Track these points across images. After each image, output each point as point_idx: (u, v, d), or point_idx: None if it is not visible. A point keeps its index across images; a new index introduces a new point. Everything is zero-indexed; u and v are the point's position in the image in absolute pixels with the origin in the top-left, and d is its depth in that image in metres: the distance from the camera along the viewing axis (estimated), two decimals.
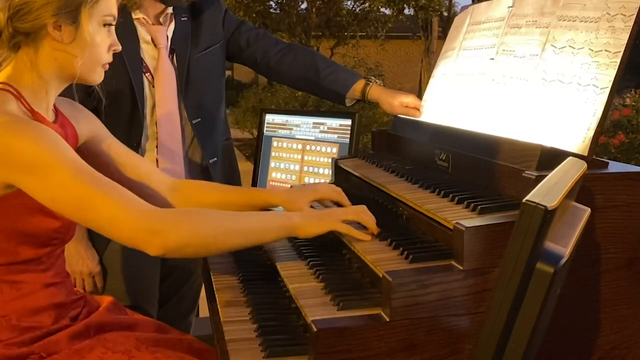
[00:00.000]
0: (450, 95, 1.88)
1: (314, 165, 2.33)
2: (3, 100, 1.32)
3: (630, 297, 1.33)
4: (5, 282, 1.35)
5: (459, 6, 21.74)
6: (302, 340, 1.28)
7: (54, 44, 1.36)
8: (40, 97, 1.40)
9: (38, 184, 1.26)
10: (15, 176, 1.26)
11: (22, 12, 1.32)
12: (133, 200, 1.28)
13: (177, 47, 2.12)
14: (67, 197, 1.26)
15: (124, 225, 1.25)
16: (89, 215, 1.26)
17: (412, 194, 1.47)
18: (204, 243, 1.32)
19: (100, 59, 1.42)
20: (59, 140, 1.30)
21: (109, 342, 1.38)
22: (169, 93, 2.09)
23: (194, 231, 1.29)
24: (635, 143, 5.50)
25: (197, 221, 1.31)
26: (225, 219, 1.36)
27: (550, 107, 1.43)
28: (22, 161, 1.25)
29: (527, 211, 0.82)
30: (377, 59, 17.44)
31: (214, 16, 2.22)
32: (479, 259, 1.16)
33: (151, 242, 1.25)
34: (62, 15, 1.34)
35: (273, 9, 15.47)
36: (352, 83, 2.19)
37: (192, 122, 2.13)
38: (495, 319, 0.85)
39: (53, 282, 1.42)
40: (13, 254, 1.35)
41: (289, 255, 1.58)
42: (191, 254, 1.34)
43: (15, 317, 1.34)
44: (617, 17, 1.34)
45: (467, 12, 2.00)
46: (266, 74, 2.39)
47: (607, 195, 1.28)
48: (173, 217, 1.30)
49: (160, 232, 1.25)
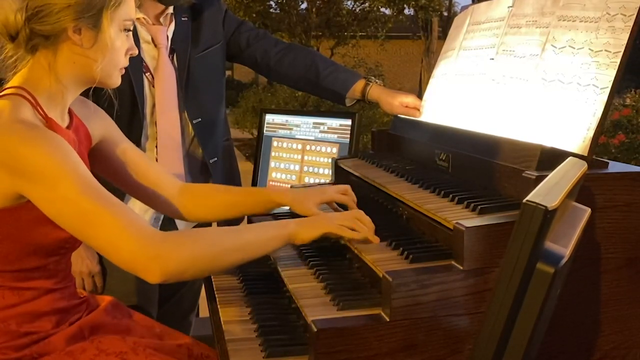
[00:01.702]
0: (450, 95, 1.88)
1: (314, 165, 2.33)
2: (17, 106, 1.30)
3: (630, 297, 1.33)
4: (9, 288, 1.34)
5: (459, 6, 21.78)
6: (302, 340, 1.28)
7: (74, 48, 1.34)
8: (56, 101, 1.38)
9: (44, 195, 1.24)
10: (24, 186, 1.25)
11: (41, 14, 1.29)
12: (136, 223, 1.25)
13: (177, 47, 2.12)
14: (71, 211, 1.24)
15: (124, 249, 1.23)
16: (91, 232, 1.24)
17: (412, 194, 1.47)
18: (203, 266, 1.30)
19: (118, 64, 1.40)
20: (70, 153, 1.28)
21: (103, 344, 1.36)
22: (169, 93, 2.09)
23: (194, 256, 1.27)
24: (635, 143, 5.50)
25: (196, 244, 1.28)
26: (223, 238, 1.33)
27: (550, 107, 1.43)
28: (32, 171, 1.23)
29: (527, 211, 0.82)
30: (377, 59, 17.43)
31: (214, 16, 2.22)
32: (479, 259, 1.17)
33: (150, 269, 1.23)
34: (84, 19, 1.32)
35: (273, 9, 15.46)
36: (352, 83, 2.19)
37: (193, 122, 2.12)
38: (495, 319, 0.85)
39: (56, 287, 1.41)
40: (21, 262, 1.33)
41: (289, 256, 1.58)
42: (192, 277, 1.31)
43: (15, 322, 1.33)
44: (617, 17, 1.34)
45: (467, 12, 2.00)
46: (266, 74, 2.39)
47: (607, 195, 1.28)
48: (173, 241, 1.27)
49: (160, 258, 1.22)
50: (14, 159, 1.24)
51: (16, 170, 1.24)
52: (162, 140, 2.08)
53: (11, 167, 1.24)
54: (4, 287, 1.34)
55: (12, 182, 1.25)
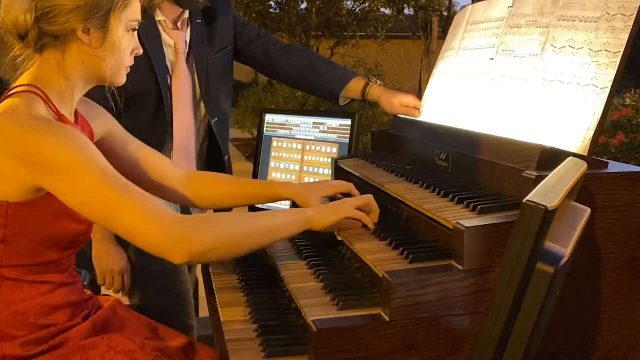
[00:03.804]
0: (450, 95, 1.88)
1: (314, 165, 2.33)
2: (31, 103, 1.33)
3: (630, 297, 1.33)
4: (26, 281, 1.37)
5: (459, 6, 21.75)
6: (302, 340, 1.28)
7: (83, 48, 1.37)
8: (66, 99, 1.41)
9: (67, 187, 1.28)
10: (44, 179, 1.28)
11: (51, 14, 1.33)
12: (157, 208, 1.29)
13: (195, 49, 2.16)
14: (95, 201, 1.28)
15: (149, 234, 1.27)
16: (115, 221, 1.29)
17: (412, 194, 1.47)
18: (226, 248, 1.34)
19: (125, 63, 1.45)
20: (89, 145, 1.32)
21: (113, 342, 1.39)
22: (185, 97, 2.13)
23: (217, 237, 1.31)
24: (635, 143, 5.50)
25: (218, 227, 1.33)
26: (244, 222, 1.39)
27: (550, 107, 1.43)
28: (53, 164, 1.27)
29: (527, 211, 0.82)
30: (377, 59, 17.41)
31: (226, 18, 2.27)
32: (479, 259, 1.17)
33: (175, 251, 1.27)
34: (92, 20, 1.35)
35: (273, 9, 15.45)
36: (347, 81, 2.22)
37: (212, 122, 2.18)
38: (495, 319, 0.85)
39: (68, 281, 1.44)
40: (37, 256, 1.37)
41: (289, 256, 1.59)
42: (215, 259, 1.37)
43: (34, 314, 1.36)
44: (617, 17, 1.34)
45: (466, 11, 2.00)
46: (265, 71, 2.42)
47: (607, 195, 1.28)
48: (195, 225, 1.31)
49: (184, 240, 1.27)
50: (34, 154, 1.27)
51: (36, 164, 1.27)
52: (177, 142, 2.12)
53: (30, 161, 1.27)
54: (22, 281, 1.37)
55: (31, 176, 1.28)
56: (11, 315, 1.34)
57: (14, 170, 1.28)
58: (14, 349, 1.32)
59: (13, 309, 1.34)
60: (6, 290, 1.35)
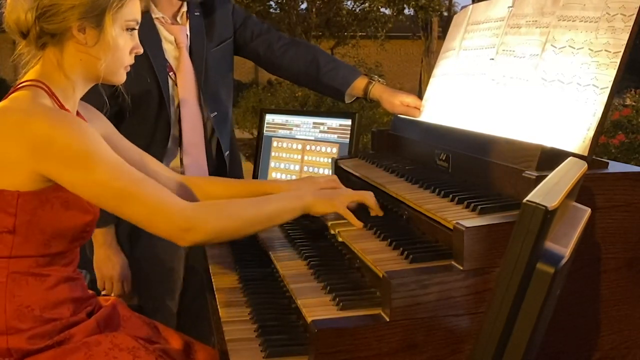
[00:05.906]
0: (451, 95, 1.88)
1: (314, 165, 2.33)
2: (37, 95, 1.38)
3: (630, 297, 1.33)
4: (32, 274, 1.39)
5: (459, 6, 21.73)
6: (302, 340, 1.28)
7: (78, 46, 1.42)
8: (68, 96, 1.45)
9: (79, 179, 1.32)
10: (54, 169, 1.31)
11: (49, 13, 1.37)
12: (167, 197, 1.38)
13: (194, 43, 2.14)
14: (107, 192, 1.33)
15: (159, 224, 1.36)
16: (127, 210, 1.35)
17: (412, 194, 1.47)
18: (229, 234, 1.46)
19: (122, 62, 1.47)
20: (97, 136, 1.37)
21: (117, 339, 1.41)
22: (191, 91, 2.12)
23: (221, 224, 1.41)
24: (635, 143, 5.49)
25: (223, 216, 1.43)
26: (247, 210, 1.47)
27: (550, 107, 1.43)
28: (64, 155, 1.30)
29: (527, 211, 0.82)
30: (377, 59, 17.41)
31: (225, 10, 2.25)
32: (479, 259, 1.16)
33: (183, 238, 1.38)
34: (87, 19, 1.39)
35: (273, 9, 15.46)
36: (352, 80, 2.20)
37: (211, 116, 2.17)
38: (495, 319, 0.85)
39: (72, 277, 1.47)
40: (44, 247, 1.39)
41: (289, 255, 1.59)
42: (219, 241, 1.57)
43: (39, 308, 1.38)
44: (617, 17, 1.34)
45: (466, 10, 2.00)
46: (268, 67, 2.40)
47: (607, 195, 1.28)
48: (201, 215, 1.39)
49: (192, 229, 1.37)
50: (44, 143, 1.30)
51: (45, 154, 1.30)
52: (187, 138, 2.12)
53: (39, 150, 1.30)
54: (27, 274, 1.38)
55: (38, 166, 1.31)
56: (16, 308, 1.36)
57: (21, 159, 1.30)
58: (19, 342, 1.34)
59: (18, 302, 1.36)
60: (12, 283, 1.37)
